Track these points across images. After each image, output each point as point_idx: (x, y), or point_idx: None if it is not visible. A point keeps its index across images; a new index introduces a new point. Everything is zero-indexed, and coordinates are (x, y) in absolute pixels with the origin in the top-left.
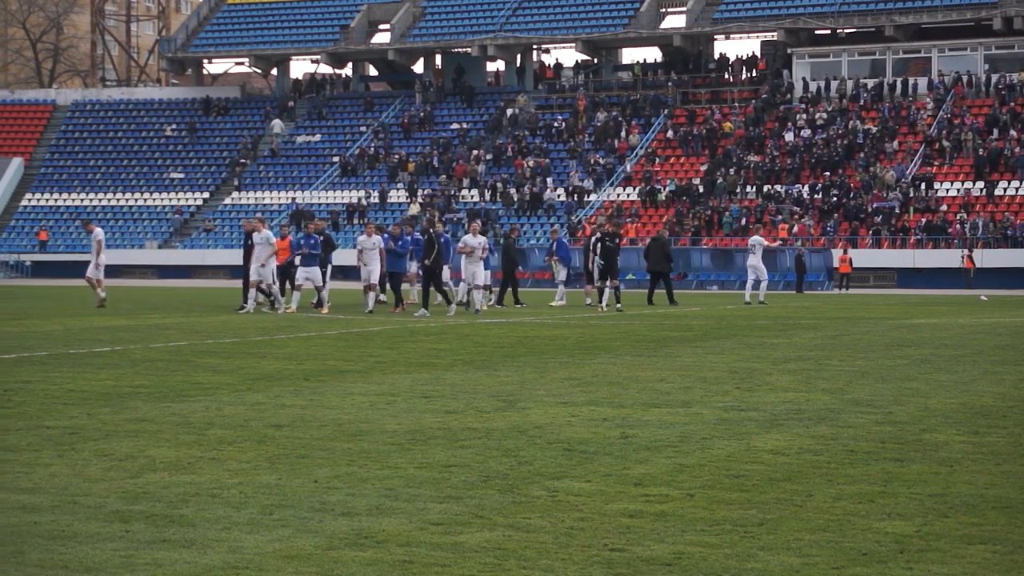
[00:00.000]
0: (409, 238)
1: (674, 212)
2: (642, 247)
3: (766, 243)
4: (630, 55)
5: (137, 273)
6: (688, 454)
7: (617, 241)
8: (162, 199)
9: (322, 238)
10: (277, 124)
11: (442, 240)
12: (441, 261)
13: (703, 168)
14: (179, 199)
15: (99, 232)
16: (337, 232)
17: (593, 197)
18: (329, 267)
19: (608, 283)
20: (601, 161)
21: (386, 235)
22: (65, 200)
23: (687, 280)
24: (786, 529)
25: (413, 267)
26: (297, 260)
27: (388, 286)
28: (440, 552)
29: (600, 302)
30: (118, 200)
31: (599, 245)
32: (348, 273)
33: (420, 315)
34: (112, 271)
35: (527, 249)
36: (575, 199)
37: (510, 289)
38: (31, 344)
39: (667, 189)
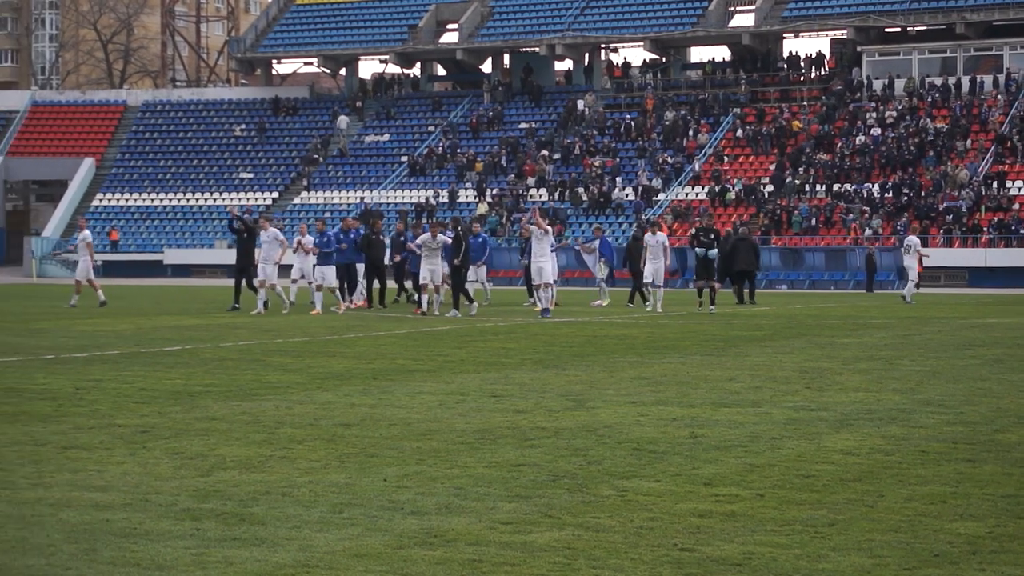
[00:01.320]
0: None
1: (743, 211)
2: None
3: (919, 244)
4: (698, 54)
5: (207, 272)
6: (758, 454)
7: (713, 237)
8: (232, 199)
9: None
10: (343, 120)
11: (480, 239)
12: (468, 261)
13: (772, 167)
14: (248, 199)
15: (87, 234)
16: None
17: (661, 196)
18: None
19: (704, 282)
20: (669, 160)
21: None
22: (136, 200)
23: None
24: (857, 530)
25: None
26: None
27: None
28: (509, 551)
29: (700, 302)
30: (188, 200)
31: (695, 241)
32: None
33: (451, 315)
34: (181, 270)
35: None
36: (643, 198)
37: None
38: (103, 343)
39: (735, 188)
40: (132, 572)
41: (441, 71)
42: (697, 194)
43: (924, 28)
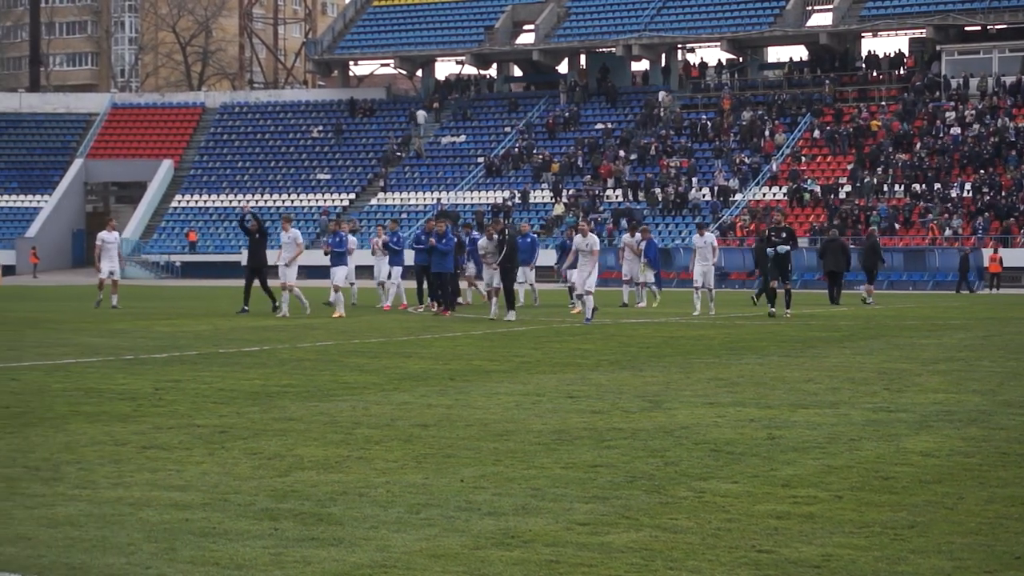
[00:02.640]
0: (455, 237)
1: (822, 211)
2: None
3: None
4: (775, 54)
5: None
6: (836, 455)
7: (785, 236)
8: (309, 200)
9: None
10: (421, 115)
11: (528, 240)
12: (515, 262)
13: (850, 167)
14: (326, 200)
15: (117, 234)
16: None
17: (739, 197)
18: (399, 268)
19: (777, 284)
20: (747, 160)
21: (420, 232)
22: (214, 201)
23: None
24: (937, 532)
25: (471, 268)
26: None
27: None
28: (587, 552)
29: (771, 305)
30: (265, 201)
31: (767, 241)
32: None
33: (509, 318)
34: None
35: (672, 249)
36: (720, 199)
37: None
38: (182, 344)
39: (812, 188)
40: (211, 571)
41: (517, 72)
42: (774, 194)
43: (1004, 26)
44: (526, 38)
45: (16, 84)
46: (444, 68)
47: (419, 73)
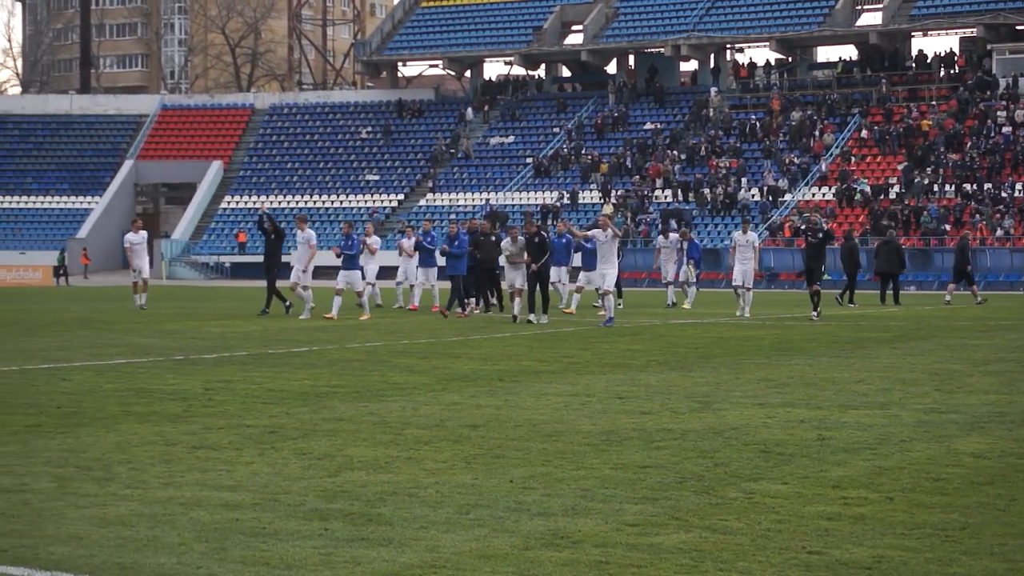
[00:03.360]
0: (467, 238)
1: (869, 211)
2: (838, 246)
3: None
4: (825, 53)
5: (332, 274)
6: (887, 456)
7: (821, 236)
8: (358, 201)
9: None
10: (469, 112)
11: (564, 240)
12: (550, 264)
13: (900, 167)
14: (374, 201)
15: (145, 234)
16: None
17: (788, 197)
18: (433, 269)
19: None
20: (796, 160)
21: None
22: (263, 202)
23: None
24: (989, 534)
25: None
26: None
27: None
28: (636, 553)
29: (814, 310)
30: (314, 202)
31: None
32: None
33: (542, 321)
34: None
35: (721, 250)
36: (770, 199)
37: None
38: (231, 344)
39: (863, 188)
40: (261, 571)
41: (566, 72)
42: (824, 194)
43: None
44: (575, 38)
45: (67, 86)
46: (492, 69)
47: (467, 74)
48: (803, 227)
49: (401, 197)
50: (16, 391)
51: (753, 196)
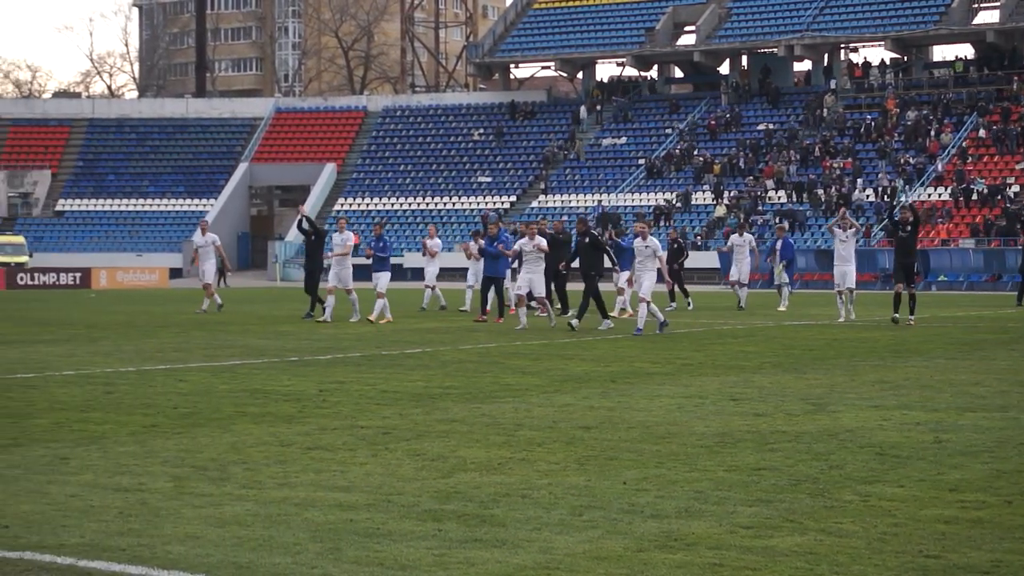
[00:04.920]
0: (512, 238)
1: (1003, 211)
2: (955, 248)
3: None
4: (940, 52)
5: (446, 276)
6: (1005, 459)
7: (910, 229)
8: (470, 203)
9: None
10: (583, 112)
11: (623, 243)
12: (601, 268)
13: (1019, 167)
14: (487, 202)
15: (215, 236)
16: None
17: (903, 197)
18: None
19: (903, 286)
20: (911, 160)
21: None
22: (376, 204)
23: (1002, 281)
24: None
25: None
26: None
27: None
28: (750, 556)
29: (895, 311)
30: (427, 204)
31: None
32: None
33: (605, 327)
34: (420, 274)
35: (830, 251)
36: (885, 199)
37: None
38: (345, 345)
39: (980, 188)
40: (376, 571)
41: (678, 73)
42: (940, 195)
43: None
44: (687, 39)
45: (183, 90)
46: (605, 70)
47: (579, 75)
48: (896, 219)
49: (513, 199)
50: (134, 392)
51: (868, 197)
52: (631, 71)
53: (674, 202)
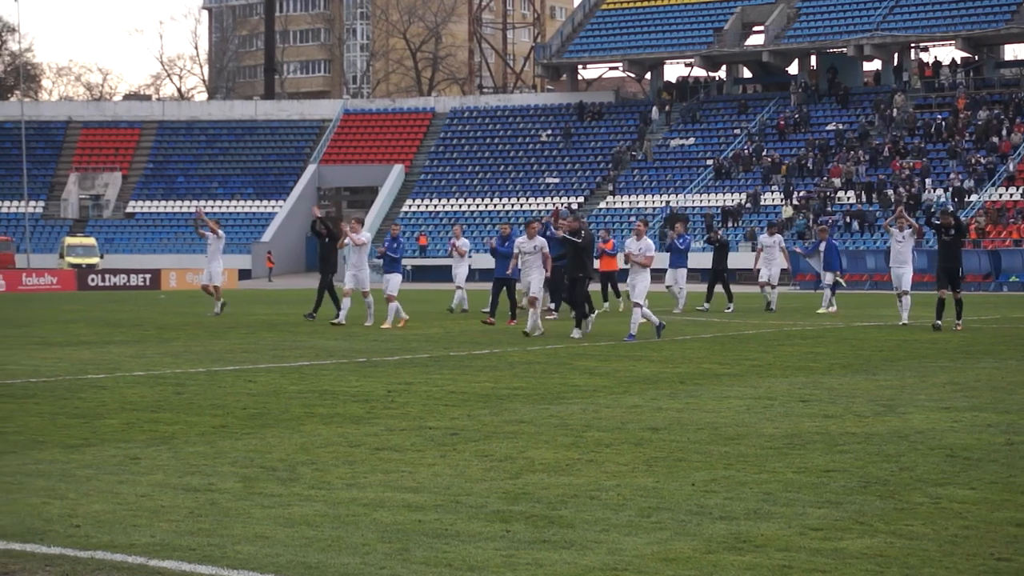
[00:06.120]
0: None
1: None
2: None
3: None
4: (1012, 51)
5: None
6: None
7: (954, 232)
8: (538, 204)
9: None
10: (654, 112)
11: (684, 241)
12: (591, 270)
13: None
14: (555, 204)
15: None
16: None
17: (974, 198)
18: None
19: (946, 291)
20: (982, 160)
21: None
22: (444, 206)
23: None
24: None
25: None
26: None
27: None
28: (820, 558)
29: (938, 317)
30: (495, 205)
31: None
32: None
33: (574, 335)
34: (488, 275)
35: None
36: (955, 200)
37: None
38: (413, 346)
39: None
40: (444, 572)
41: (747, 73)
42: (1011, 195)
43: None
44: (756, 39)
45: (252, 92)
46: (673, 71)
47: (647, 76)
48: (938, 222)
49: (581, 199)
50: (204, 392)
51: (938, 197)
52: (699, 71)
53: (743, 202)
